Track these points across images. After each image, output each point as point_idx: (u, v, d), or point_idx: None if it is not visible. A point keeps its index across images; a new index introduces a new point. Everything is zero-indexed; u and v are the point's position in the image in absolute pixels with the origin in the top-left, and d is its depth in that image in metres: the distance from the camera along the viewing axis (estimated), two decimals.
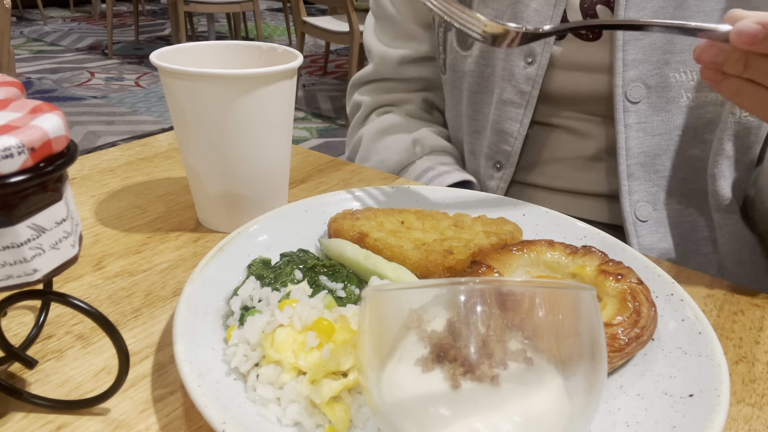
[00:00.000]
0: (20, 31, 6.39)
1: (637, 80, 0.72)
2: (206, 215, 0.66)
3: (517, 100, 0.80)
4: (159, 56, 0.59)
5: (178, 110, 0.60)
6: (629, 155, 0.75)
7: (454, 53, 0.86)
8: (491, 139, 0.85)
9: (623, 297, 0.47)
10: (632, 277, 0.49)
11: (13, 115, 0.35)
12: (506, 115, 0.81)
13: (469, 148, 0.91)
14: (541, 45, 0.76)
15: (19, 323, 0.51)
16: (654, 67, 0.71)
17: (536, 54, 0.76)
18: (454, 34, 0.84)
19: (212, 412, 0.37)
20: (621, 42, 0.71)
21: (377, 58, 0.97)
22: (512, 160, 0.83)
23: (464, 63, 0.85)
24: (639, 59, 0.71)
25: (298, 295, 0.46)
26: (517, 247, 0.54)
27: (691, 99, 0.72)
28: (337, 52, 5.86)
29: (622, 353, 0.44)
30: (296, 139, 3.78)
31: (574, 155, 0.83)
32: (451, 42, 0.86)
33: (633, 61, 0.71)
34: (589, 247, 0.53)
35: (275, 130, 0.62)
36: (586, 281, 0.50)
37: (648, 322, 0.46)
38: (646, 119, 0.73)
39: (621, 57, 0.71)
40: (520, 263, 0.53)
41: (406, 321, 0.35)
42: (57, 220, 0.35)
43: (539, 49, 0.76)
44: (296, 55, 0.62)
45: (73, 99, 4.32)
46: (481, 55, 0.82)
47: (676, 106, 0.73)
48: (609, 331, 0.44)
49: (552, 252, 0.53)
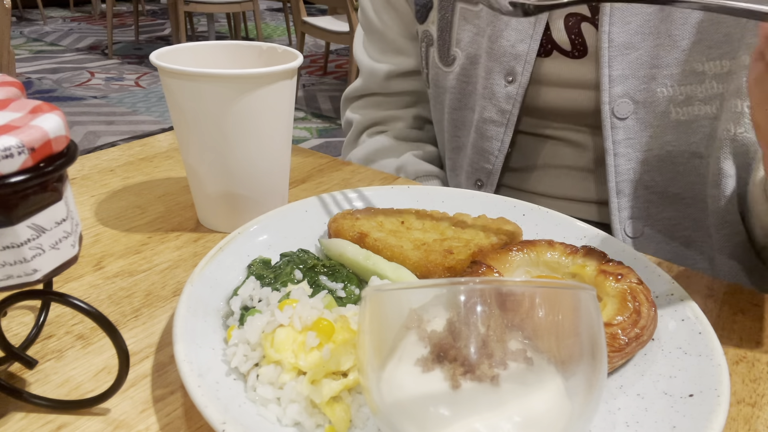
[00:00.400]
0: (20, 31, 6.39)
1: (624, 96, 0.71)
2: (206, 215, 0.66)
3: (497, 119, 0.80)
4: (159, 56, 0.59)
5: (177, 110, 0.60)
6: (618, 171, 0.74)
7: (436, 69, 0.86)
8: (472, 157, 0.84)
9: (623, 297, 0.47)
10: (632, 277, 0.49)
11: (13, 115, 0.35)
12: (487, 133, 0.81)
13: (450, 165, 0.91)
14: (522, 64, 0.75)
15: (19, 323, 0.51)
16: (641, 82, 0.71)
17: (516, 73, 0.76)
18: (436, 50, 0.84)
19: (212, 412, 0.37)
20: (606, 58, 0.70)
21: (365, 73, 0.98)
22: (492, 179, 0.83)
23: (446, 79, 0.85)
24: (625, 75, 0.70)
25: (298, 295, 0.46)
26: (517, 247, 0.54)
27: (681, 113, 0.71)
28: (337, 52, 5.86)
29: (622, 353, 0.44)
30: (296, 139, 3.78)
31: (564, 164, 0.83)
32: (433, 57, 0.85)
33: (619, 77, 0.71)
34: (589, 247, 0.53)
35: (275, 130, 0.62)
36: (586, 281, 0.50)
37: (648, 322, 0.46)
38: (634, 135, 0.72)
39: (607, 73, 0.71)
40: (520, 263, 0.53)
41: (406, 321, 0.35)
42: (57, 220, 0.35)
43: (519, 68, 0.76)
44: (296, 55, 0.62)
45: (73, 99, 4.32)
46: (462, 72, 0.82)
47: (665, 120, 0.71)
48: (609, 331, 0.44)
49: (552, 252, 0.53)
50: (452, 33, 0.82)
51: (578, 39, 0.73)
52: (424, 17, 0.85)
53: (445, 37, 0.82)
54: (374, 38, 0.96)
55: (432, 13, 0.83)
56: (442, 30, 0.82)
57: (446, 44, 0.83)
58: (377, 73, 0.95)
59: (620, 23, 0.69)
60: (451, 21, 0.81)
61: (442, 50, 0.83)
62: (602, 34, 0.70)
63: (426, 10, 0.84)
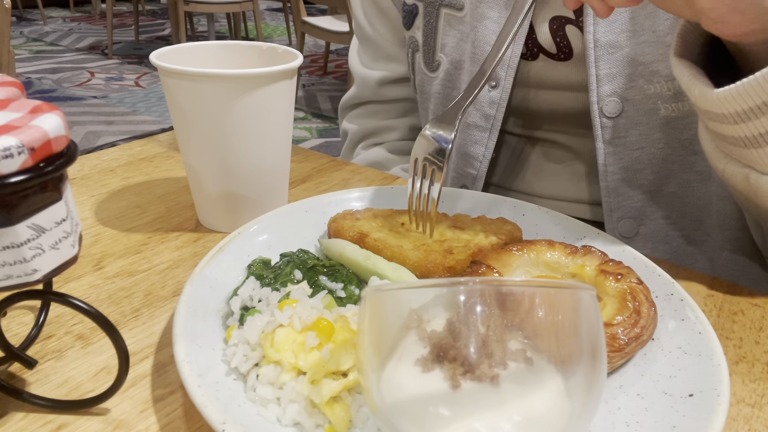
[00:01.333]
0: (20, 31, 6.39)
1: (612, 95, 0.71)
2: (206, 215, 0.66)
3: (481, 124, 0.79)
4: (159, 56, 0.59)
5: (177, 110, 0.60)
6: (609, 171, 0.74)
7: (422, 74, 0.86)
8: (457, 162, 0.84)
9: (623, 297, 0.47)
10: (632, 276, 0.49)
11: (13, 115, 0.35)
12: (471, 138, 0.81)
13: None
14: (505, 69, 0.75)
15: (19, 323, 0.51)
16: (628, 80, 0.70)
17: (500, 78, 0.76)
18: (422, 55, 0.85)
19: (212, 412, 0.37)
20: (593, 59, 0.70)
21: (359, 80, 0.98)
22: (477, 184, 0.83)
23: (431, 84, 0.85)
24: (612, 73, 0.70)
25: (297, 295, 0.46)
26: (517, 247, 0.54)
27: (671, 110, 0.70)
28: (337, 52, 5.86)
29: (622, 353, 0.44)
30: (296, 139, 3.78)
31: (555, 165, 0.83)
32: (419, 63, 0.86)
33: (606, 76, 0.70)
34: (589, 247, 0.53)
35: (275, 130, 0.62)
36: (586, 281, 0.50)
37: (648, 322, 0.46)
38: (624, 133, 0.72)
39: (594, 73, 0.70)
40: (520, 263, 0.53)
41: (406, 321, 0.35)
42: (57, 220, 0.35)
43: (503, 73, 0.76)
44: (296, 54, 0.62)
45: (73, 99, 4.32)
46: (447, 77, 0.82)
47: (654, 118, 0.71)
48: (609, 331, 0.44)
49: (552, 252, 0.53)
50: (437, 38, 0.82)
51: (563, 42, 0.74)
52: (410, 23, 0.85)
53: (430, 43, 0.83)
54: (367, 46, 0.96)
55: (417, 19, 0.84)
56: (427, 35, 0.83)
57: (431, 49, 0.83)
58: (369, 80, 0.96)
59: (604, 23, 0.69)
60: (435, 26, 0.81)
61: (427, 55, 0.84)
62: (587, 35, 0.70)
63: (412, 16, 0.84)
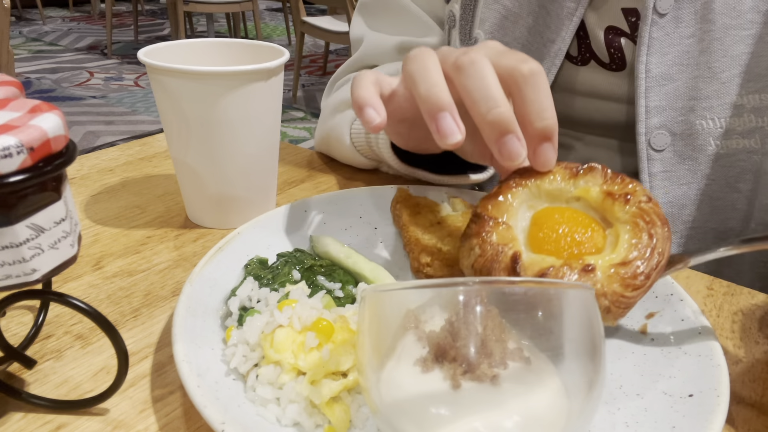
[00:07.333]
0: (19, 30, 6.38)
1: (661, 127, 0.69)
2: (192, 209, 0.67)
3: None
4: (147, 53, 0.60)
5: (163, 107, 0.60)
6: None
7: None
8: None
9: (635, 224, 0.44)
10: (640, 195, 0.46)
11: (11, 115, 0.35)
12: None
13: None
14: (547, 68, 0.72)
15: (18, 323, 0.51)
16: (679, 114, 0.68)
17: None
18: (458, 31, 0.79)
19: (212, 412, 0.37)
20: (643, 89, 0.68)
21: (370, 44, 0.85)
22: None
23: None
24: (662, 106, 0.68)
25: (297, 296, 0.46)
26: (514, 182, 0.49)
27: (720, 147, 0.69)
28: (337, 52, 5.86)
29: (644, 289, 0.42)
30: (296, 139, 3.78)
31: None
32: (454, 40, 0.80)
33: (656, 108, 0.68)
34: (592, 165, 0.49)
35: (260, 127, 0.62)
36: (593, 206, 0.48)
37: (664, 247, 0.43)
38: (671, 168, 0.70)
39: (644, 104, 0.68)
40: (522, 200, 0.49)
41: (405, 321, 0.35)
42: (56, 219, 0.35)
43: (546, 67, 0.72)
44: (282, 52, 0.63)
45: (72, 99, 4.32)
46: None
47: (703, 154, 0.69)
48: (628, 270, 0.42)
49: (551, 177, 0.49)
50: (476, 11, 0.76)
51: (617, 53, 0.72)
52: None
53: (467, 16, 0.77)
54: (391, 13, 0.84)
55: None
56: (465, 7, 0.76)
57: (468, 24, 0.77)
58: (385, 44, 0.83)
59: (658, 54, 0.67)
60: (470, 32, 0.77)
61: (464, 31, 0.77)
62: (639, 64, 0.68)
63: None
